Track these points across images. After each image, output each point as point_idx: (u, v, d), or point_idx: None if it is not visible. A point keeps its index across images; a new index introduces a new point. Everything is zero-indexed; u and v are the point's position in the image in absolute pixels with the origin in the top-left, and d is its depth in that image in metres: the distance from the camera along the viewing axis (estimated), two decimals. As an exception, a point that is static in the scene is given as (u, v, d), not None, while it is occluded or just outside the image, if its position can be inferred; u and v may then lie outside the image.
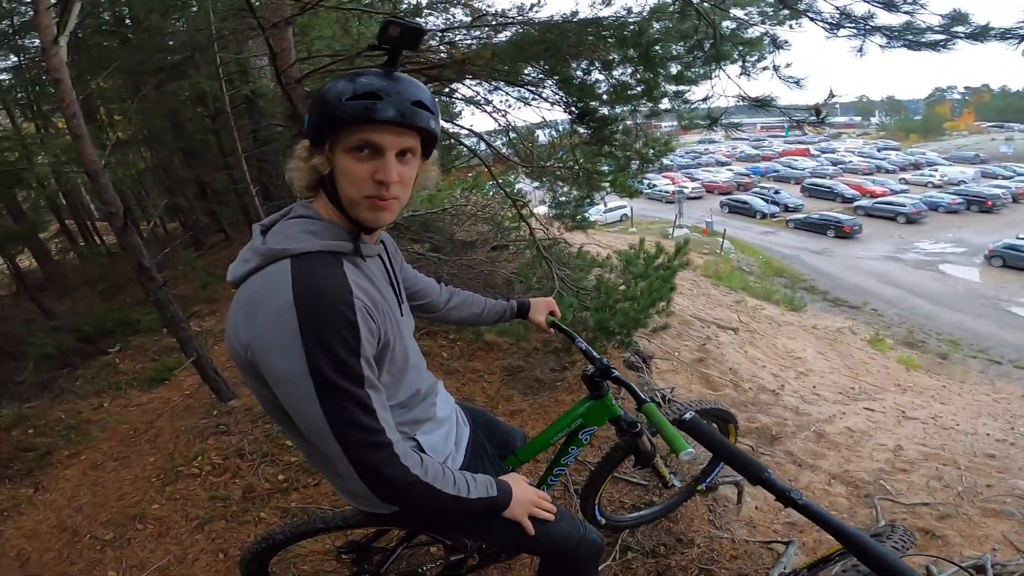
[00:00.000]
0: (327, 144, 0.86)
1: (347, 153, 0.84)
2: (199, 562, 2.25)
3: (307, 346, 0.77)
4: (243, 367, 0.87)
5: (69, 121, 2.59)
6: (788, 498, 0.85)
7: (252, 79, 7.10)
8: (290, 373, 0.79)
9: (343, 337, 0.80)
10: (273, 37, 3.12)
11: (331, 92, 0.83)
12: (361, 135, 0.83)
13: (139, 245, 3.01)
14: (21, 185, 7.24)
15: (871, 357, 9.04)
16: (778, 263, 20.19)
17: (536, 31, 3.14)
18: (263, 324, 0.80)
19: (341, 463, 0.83)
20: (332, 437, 0.81)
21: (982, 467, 2.99)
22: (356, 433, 0.82)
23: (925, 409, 4.84)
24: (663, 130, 4.13)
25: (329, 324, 0.79)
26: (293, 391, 0.81)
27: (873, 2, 2.62)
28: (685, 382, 4.32)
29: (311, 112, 0.86)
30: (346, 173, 0.85)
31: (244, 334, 0.83)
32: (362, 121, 0.81)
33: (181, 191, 10.25)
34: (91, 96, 7.16)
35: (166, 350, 5.06)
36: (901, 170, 37.47)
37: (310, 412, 0.80)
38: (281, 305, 0.79)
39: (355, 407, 0.81)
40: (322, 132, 0.85)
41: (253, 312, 0.82)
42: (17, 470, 3.28)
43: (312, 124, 0.86)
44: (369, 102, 0.81)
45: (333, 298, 0.81)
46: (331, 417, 0.80)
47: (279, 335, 0.78)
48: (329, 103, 0.82)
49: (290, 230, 0.89)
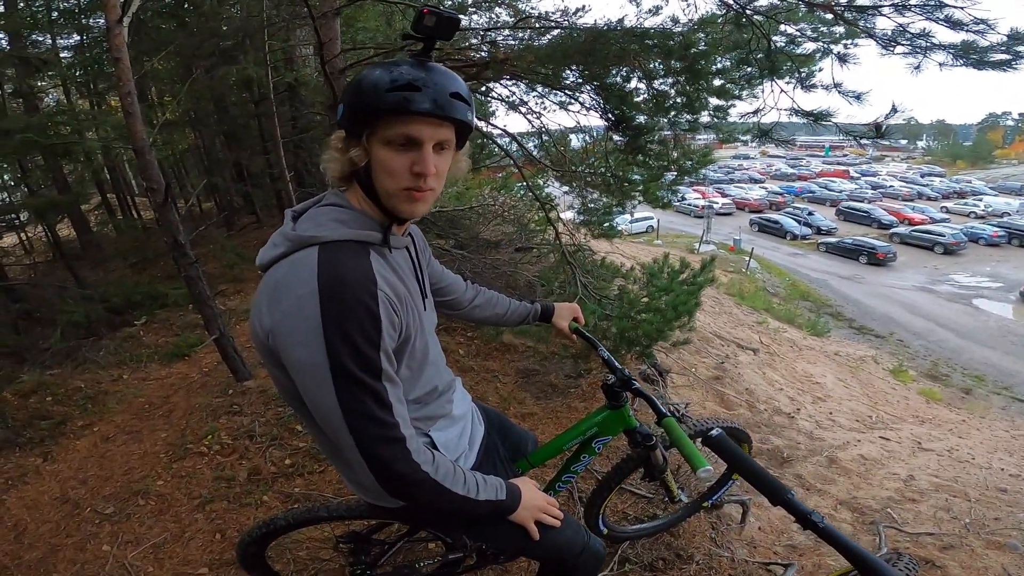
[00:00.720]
0: (364, 135, 0.85)
1: (386, 145, 0.84)
2: (195, 541, 2.25)
3: (328, 336, 0.77)
4: (263, 352, 0.88)
5: (123, 99, 2.69)
6: (810, 520, 0.84)
7: (296, 67, 7.27)
8: (309, 362, 0.79)
9: (364, 329, 0.79)
10: (321, 26, 3.18)
11: (367, 82, 0.81)
12: (400, 128, 0.82)
13: (176, 221, 3.10)
14: (70, 158, 7.54)
15: (892, 387, 8.80)
16: (805, 286, 19.73)
17: (579, 36, 3.14)
18: (285, 311, 0.80)
19: (353, 455, 0.83)
20: (346, 428, 0.81)
21: (992, 500, 2.91)
22: (370, 426, 0.82)
23: (942, 441, 4.70)
24: (699, 142, 4.07)
25: (351, 315, 0.79)
26: (310, 380, 0.80)
27: (938, 21, 2.54)
28: (700, 399, 4.26)
29: (346, 102, 0.85)
30: (384, 165, 0.85)
31: (267, 320, 0.83)
32: (401, 113, 0.80)
33: (219, 172, 10.53)
34: (145, 76, 7.42)
35: (189, 326, 5.15)
36: (944, 198, 36.29)
37: (326, 402, 0.80)
38: (305, 293, 0.79)
39: (371, 400, 0.81)
40: (359, 123, 0.84)
41: (277, 298, 0.82)
42: (29, 438, 3.30)
43: (348, 114, 0.85)
44: (408, 93, 0.80)
45: (357, 289, 0.81)
46: (346, 408, 0.80)
47: (301, 324, 0.78)
48: (366, 93, 0.81)
49: (320, 218, 0.89)
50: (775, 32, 3.02)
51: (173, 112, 7.87)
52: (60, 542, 2.34)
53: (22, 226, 7.91)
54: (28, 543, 2.37)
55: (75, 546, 2.30)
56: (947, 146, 63.59)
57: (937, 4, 2.48)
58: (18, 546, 2.36)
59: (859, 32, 2.82)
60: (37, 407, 3.68)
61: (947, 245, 23.96)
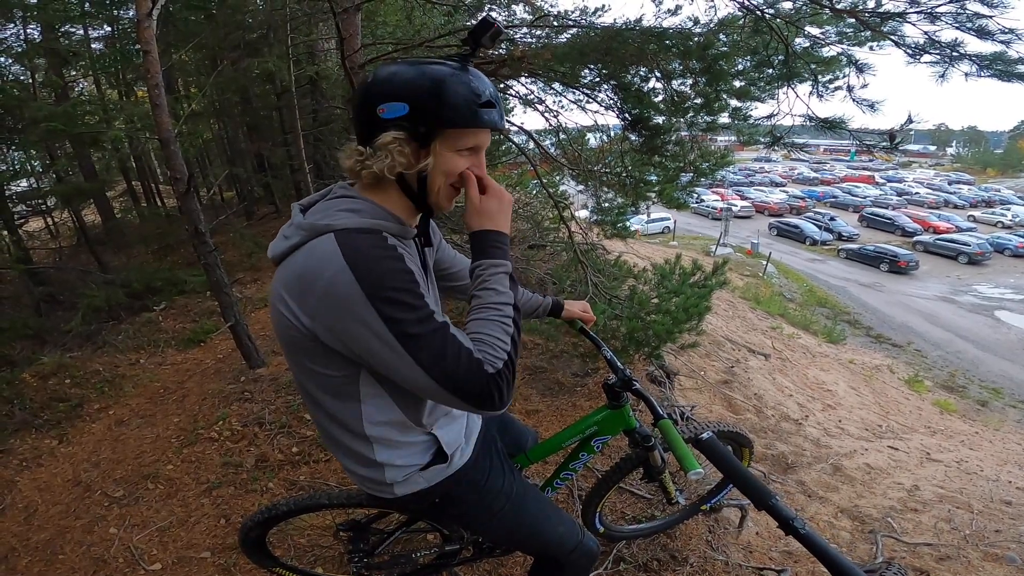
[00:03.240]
0: (435, 142, 0.86)
1: (455, 152, 0.87)
2: (200, 525, 2.29)
3: (375, 303, 0.77)
4: (290, 344, 0.88)
5: (151, 91, 2.76)
6: (791, 526, 0.84)
7: (318, 61, 7.36)
8: (370, 333, 0.78)
9: (404, 284, 0.80)
10: (343, 21, 3.23)
11: (456, 93, 0.82)
12: (475, 139, 0.87)
13: (197, 210, 3.18)
14: (97, 146, 7.73)
15: (906, 397, 8.66)
16: (822, 292, 19.41)
17: (597, 35, 3.13)
18: (321, 296, 0.80)
19: (455, 400, 0.80)
20: (435, 383, 0.79)
21: (995, 512, 2.86)
22: (455, 365, 0.79)
23: (951, 453, 4.62)
24: (719, 144, 4.03)
25: (388, 276, 0.80)
26: (380, 350, 0.79)
27: (967, 30, 2.49)
28: (707, 402, 4.25)
29: (420, 106, 0.82)
30: (448, 167, 0.88)
31: (299, 310, 0.82)
32: (488, 127, 0.85)
33: (241, 163, 10.73)
34: (172, 68, 7.56)
35: (207, 313, 5.25)
36: (971, 206, 35.27)
37: (404, 365, 0.79)
38: (333, 273, 0.79)
39: (439, 341, 0.80)
40: (436, 128, 0.84)
41: (306, 287, 0.81)
42: (46, 420, 3.36)
43: (421, 119, 0.83)
44: (491, 110, 0.84)
45: (381, 254, 0.82)
46: (427, 364, 0.78)
47: (344, 301, 0.78)
48: (457, 106, 0.82)
49: (331, 209, 0.89)
50: (797, 35, 2.99)
51: (199, 103, 8.02)
52: (69, 524, 2.39)
53: (49, 211, 8.12)
54: (37, 525, 2.42)
55: (83, 528, 2.35)
56: (977, 153, 61.73)
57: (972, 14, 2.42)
58: (27, 527, 2.41)
59: (884, 39, 2.77)
60: (56, 389, 3.76)
61: (972, 255, 23.34)
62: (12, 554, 2.24)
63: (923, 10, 2.55)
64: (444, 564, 1.64)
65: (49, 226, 8.64)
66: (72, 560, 2.17)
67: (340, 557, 2.02)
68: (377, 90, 0.84)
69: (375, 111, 0.84)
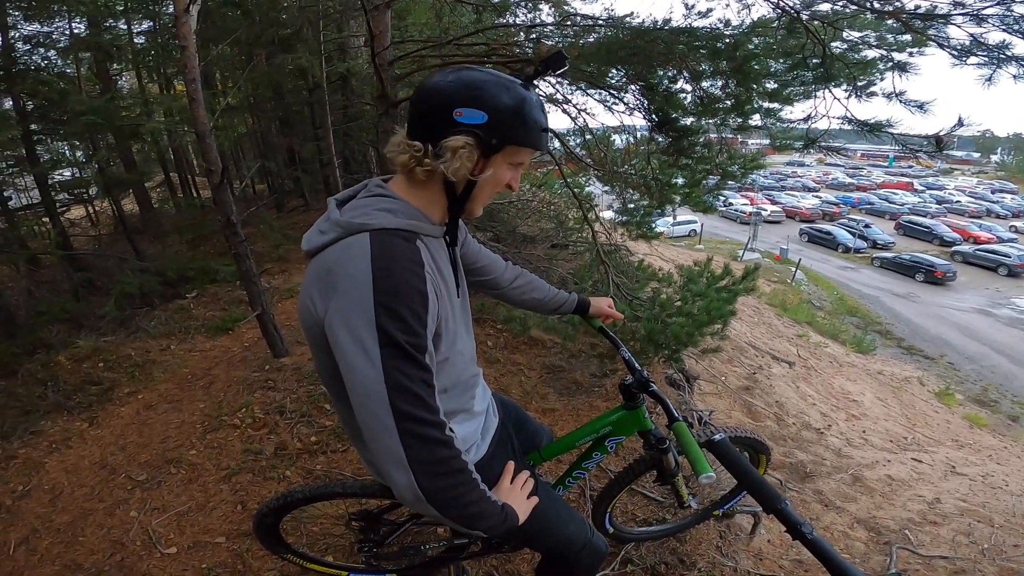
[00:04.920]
0: (497, 153, 0.92)
1: (509, 164, 0.95)
2: (217, 511, 2.33)
3: (378, 313, 0.79)
4: (313, 337, 0.89)
5: (188, 85, 2.85)
6: (799, 531, 0.84)
7: (348, 58, 7.47)
8: (358, 337, 0.79)
9: (414, 307, 0.81)
10: (373, 19, 3.28)
11: (531, 116, 0.89)
12: (526, 157, 0.96)
13: (230, 202, 3.27)
14: (137, 139, 8.01)
15: (935, 410, 8.36)
16: (853, 301, 18.83)
17: (625, 35, 3.11)
18: (340, 290, 0.82)
19: (387, 436, 0.79)
20: (387, 405, 0.78)
21: (1017, 527, 2.75)
22: (414, 406, 0.80)
23: (978, 467, 4.45)
24: (751, 147, 3.95)
25: (403, 293, 0.81)
26: (357, 355, 0.79)
27: (1015, 32, 2.39)
28: (727, 407, 4.18)
29: (500, 123, 0.87)
30: (499, 177, 0.95)
31: (320, 304, 0.84)
32: (545, 150, 0.97)
33: (273, 156, 10.99)
34: (210, 63, 7.78)
35: (236, 302, 5.35)
36: (1014, 216, 33.79)
37: (371, 377, 0.79)
38: (357, 273, 0.81)
39: (417, 377, 0.81)
40: (505, 143, 0.91)
41: (332, 282, 0.83)
42: (78, 402, 3.44)
43: (497, 134, 0.88)
44: (545, 135, 0.95)
45: (407, 269, 0.83)
46: (392, 384, 0.78)
47: (354, 302, 0.80)
48: (531, 129, 0.90)
49: (368, 208, 0.91)
50: (835, 39, 2.91)
51: (235, 97, 8.25)
52: (92, 507, 2.44)
53: (90, 200, 8.45)
54: (62, 507, 2.49)
55: (105, 511, 2.40)
56: (1022, 161, 59.10)
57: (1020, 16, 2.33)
58: (51, 509, 2.48)
59: (927, 41, 2.68)
60: (89, 372, 3.87)
61: (1012, 267, 22.32)
62: (34, 535, 2.30)
63: (968, 12, 2.46)
64: (452, 557, 1.65)
65: (90, 214, 8.99)
66: (91, 542, 2.23)
67: (351, 547, 2.05)
68: (458, 94, 0.86)
69: (451, 113, 0.86)
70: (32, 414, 3.35)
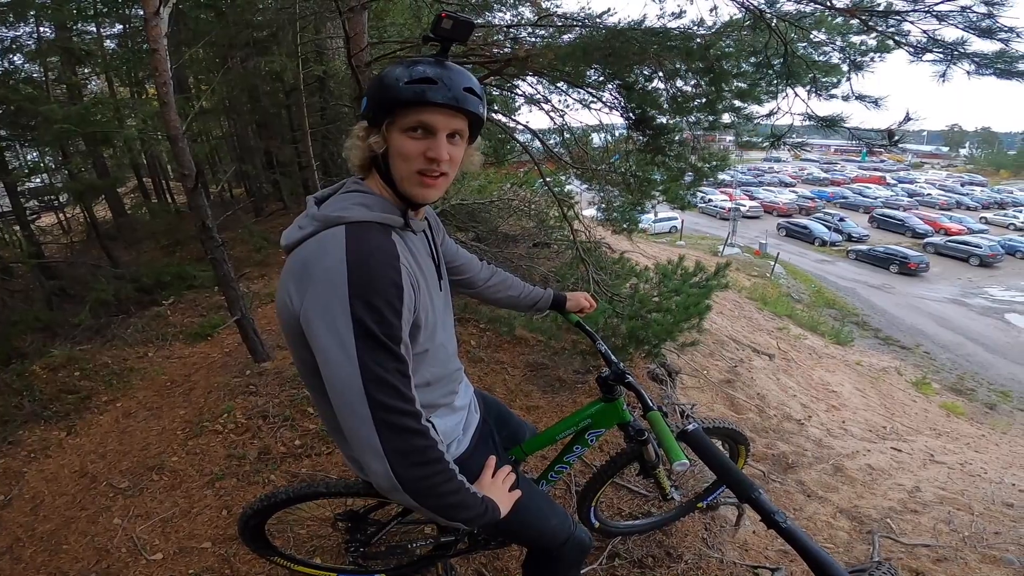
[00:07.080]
0: (384, 124, 0.91)
1: (402, 133, 0.90)
2: (202, 516, 2.32)
3: (353, 303, 0.79)
4: (291, 331, 0.89)
5: (159, 89, 2.81)
6: (772, 520, 0.84)
7: (325, 60, 7.41)
8: (333, 328, 0.79)
9: (388, 297, 0.82)
10: (349, 20, 3.26)
11: (389, 76, 0.89)
12: (416, 116, 0.88)
13: (205, 206, 3.23)
14: (109, 144, 7.82)
15: (912, 399, 8.60)
16: (831, 294, 19.26)
17: (601, 35, 3.15)
18: (315, 282, 0.82)
19: (364, 428, 0.80)
20: (363, 397, 0.79)
21: (996, 515, 2.85)
22: (390, 396, 0.81)
23: (956, 455, 4.59)
24: (725, 145, 4.03)
25: (377, 283, 0.82)
26: (333, 347, 0.80)
27: (969, 30, 2.49)
28: (709, 401, 4.25)
29: (369, 95, 0.91)
30: (400, 150, 0.91)
31: (296, 298, 0.85)
32: (417, 103, 0.87)
33: (250, 160, 10.82)
34: (183, 66, 7.64)
35: (214, 307, 5.29)
36: (983, 208, 34.81)
37: (346, 369, 0.79)
38: (332, 265, 0.82)
39: (393, 367, 0.81)
40: (380, 113, 0.90)
41: (307, 274, 0.84)
42: (55, 411, 3.39)
43: (370, 106, 0.91)
44: (425, 86, 0.87)
45: (382, 260, 0.84)
46: (367, 375, 0.79)
47: (329, 293, 0.80)
48: (388, 86, 0.88)
49: (344, 202, 0.93)
50: (801, 39, 2.98)
51: (209, 101, 8.11)
52: (74, 515, 2.43)
53: (61, 207, 8.24)
54: (43, 515, 2.45)
55: (88, 519, 2.38)
56: (990, 155, 60.91)
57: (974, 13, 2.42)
58: (33, 518, 2.44)
59: (886, 39, 2.77)
60: (65, 381, 3.80)
61: (983, 257, 23.06)
62: (17, 544, 2.27)
63: (925, 9, 2.55)
64: (440, 555, 1.66)
65: (61, 222, 8.77)
66: (76, 550, 2.20)
67: (338, 547, 2.05)
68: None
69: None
70: (9, 424, 3.28)
